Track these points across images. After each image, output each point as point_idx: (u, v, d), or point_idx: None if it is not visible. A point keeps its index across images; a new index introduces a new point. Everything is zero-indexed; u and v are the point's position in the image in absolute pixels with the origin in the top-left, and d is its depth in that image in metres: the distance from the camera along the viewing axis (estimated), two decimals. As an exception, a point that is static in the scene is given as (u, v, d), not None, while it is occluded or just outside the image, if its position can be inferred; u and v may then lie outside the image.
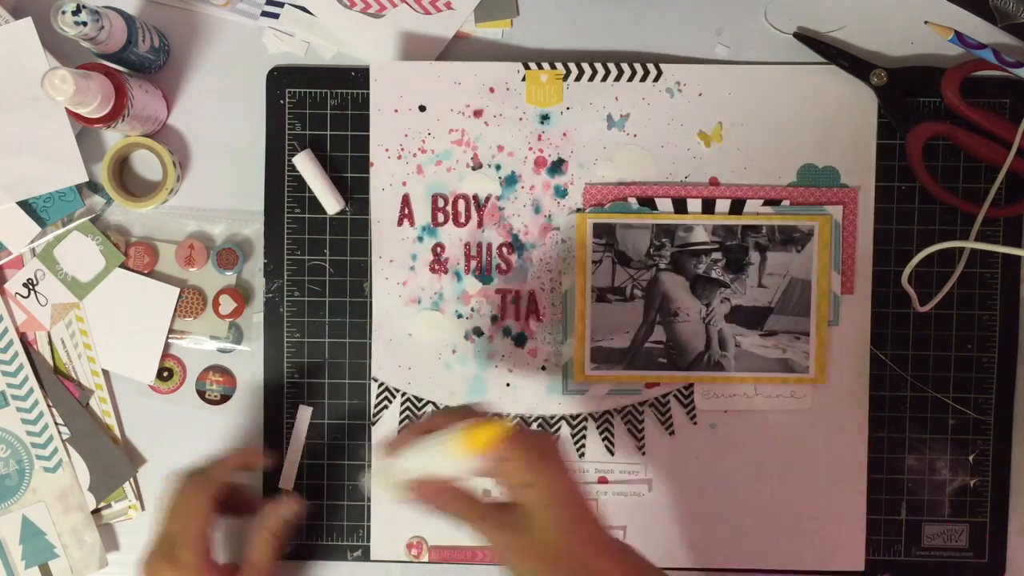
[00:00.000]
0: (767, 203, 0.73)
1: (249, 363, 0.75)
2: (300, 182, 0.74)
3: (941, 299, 0.73)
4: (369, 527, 0.74)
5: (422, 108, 0.73)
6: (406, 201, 0.74)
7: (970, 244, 0.72)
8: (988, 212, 0.71)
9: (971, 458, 0.74)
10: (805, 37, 0.73)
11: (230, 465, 0.69)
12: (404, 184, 0.73)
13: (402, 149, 0.73)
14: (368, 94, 0.73)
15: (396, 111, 0.73)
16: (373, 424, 0.74)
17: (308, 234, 0.74)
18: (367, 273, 0.74)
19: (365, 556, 0.75)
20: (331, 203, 0.73)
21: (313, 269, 0.74)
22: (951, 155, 0.73)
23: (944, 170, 0.73)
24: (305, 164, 0.73)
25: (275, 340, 0.74)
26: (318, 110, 0.74)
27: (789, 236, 0.73)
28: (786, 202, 0.73)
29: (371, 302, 0.74)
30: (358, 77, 0.73)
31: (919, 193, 0.73)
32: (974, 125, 0.72)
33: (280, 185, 0.74)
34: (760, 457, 0.74)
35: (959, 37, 0.72)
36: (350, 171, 0.74)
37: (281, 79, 0.74)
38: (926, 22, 0.73)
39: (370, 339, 0.74)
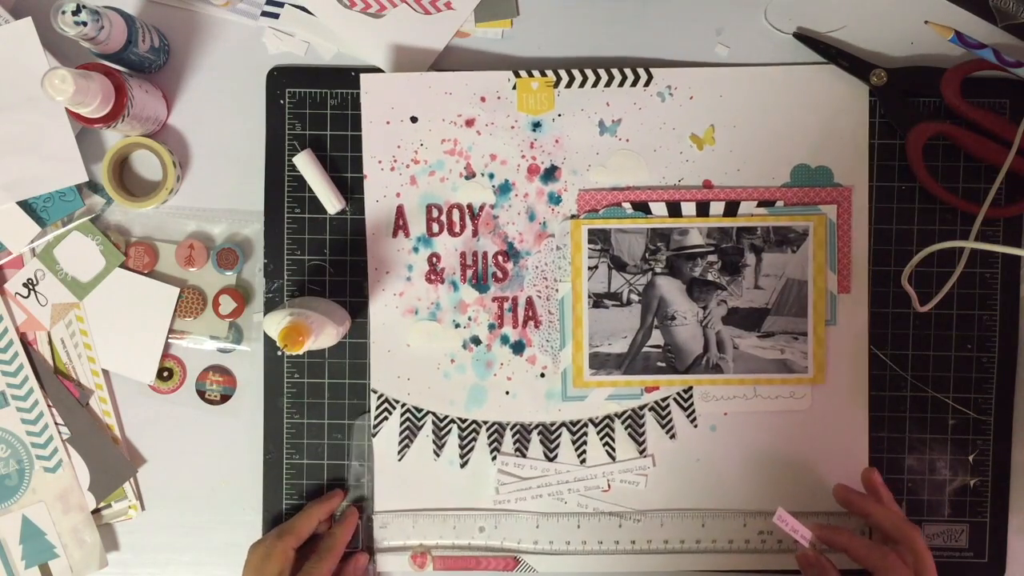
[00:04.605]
0: (761, 204, 0.73)
1: (249, 363, 0.75)
2: (300, 182, 0.74)
3: (941, 299, 0.73)
4: (371, 532, 0.74)
5: (413, 119, 0.73)
6: (400, 212, 0.74)
7: (970, 244, 0.72)
8: (988, 212, 0.71)
9: (971, 458, 0.74)
10: (805, 37, 0.73)
11: (313, 521, 0.72)
12: (398, 195, 0.73)
13: (395, 160, 0.73)
14: (368, 94, 0.74)
15: (388, 123, 0.73)
16: (374, 436, 0.74)
17: (308, 234, 0.74)
18: (367, 273, 0.74)
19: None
20: (331, 203, 0.73)
21: (313, 269, 0.74)
22: (951, 155, 0.73)
23: (944, 170, 0.73)
24: (305, 164, 0.73)
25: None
26: (318, 110, 0.74)
27: (784, 236, 0.73)
28: (780, 203, 0.73)
29: (368, 312, 0.74)
30: (358, 77, 0.73)
31: (919, 193, 0.73)
32: (974, 125, 0.72)
33: (280, 185, 0.74)
34: (761, 458, 0.74)
35: (959, 37, 0.72)
36: (350, 171, 0.74)
37: (281, 79, 0.74)
38: (926, 22, 0.73)
39: (368, 351, 0.74)
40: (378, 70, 0.74)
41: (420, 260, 0.74)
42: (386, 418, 0.74)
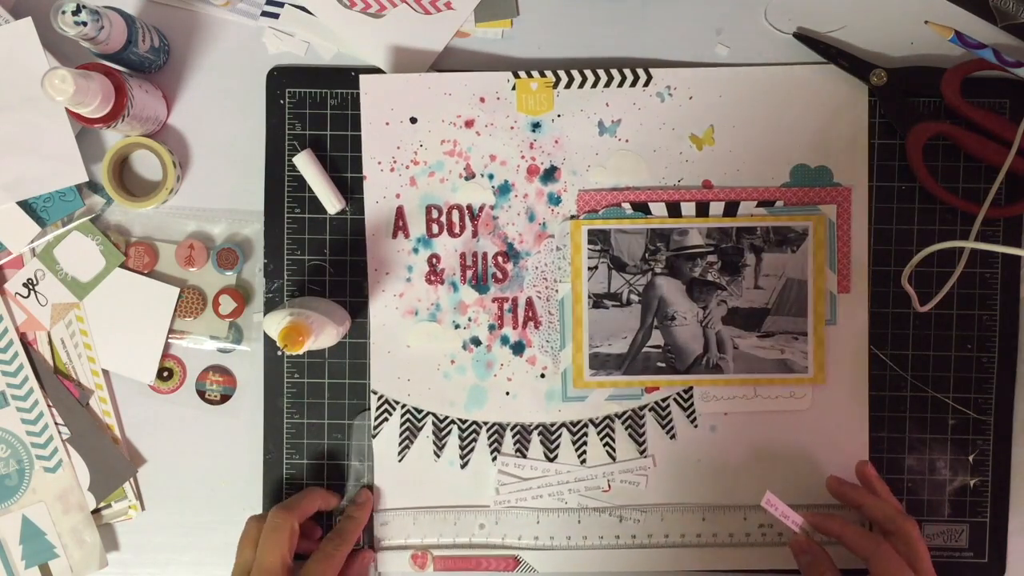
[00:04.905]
0: (761, 204, 0.73)
1: (249, 363, 0.75)
2: (300, 182, 0.74)
3: (941, 299, 0.73)
4: (371, 531, 0.74)
5: (413, 120, 0.73)
6: (400, 213, 0.74)
7: (970, 244, 0.72)
8: (988, 212, 0.71)
9: (971, 458, 0.74)
10: (805, 37, 0.73)
11: (315, 503, 0.72)
12: (398, 196, 0.73)
13: (394, 161, 0.73)
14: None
15: (387, 124, 0.73)
16: (374, 437, 0.74)
17: (308, 234, 0.74)
18: (367, 273, 0.74)
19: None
20: (331, 203, 0.73)
21: (313, 269, 0.74)
22: (951, 155, 0.73)
23: (944, 170, 0.73)
24: (305, 164, 0.73)
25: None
26: (318, 110, 0.74)
27: (784, 236, 0.73)
28: (780, 203, 0.73)
29: (368, 313, 0.74)
30: (358, 77, 0.73)
31: (919, 193, 0.73)
32: (974, 125, 0.72)
33: (280, 185, 0.74)
34: (761, 458, 0.74)
35: (959, 37, 0.72)
36: (350, 171, 0.74)
37: (281, 79, 0.74)
38: (926, 22, 0.73)
39: (368, 351, 0.74)
40: (378, 70, 0.74)
41: (420, 261, 0.74)
42: (386, 419, 0.74)
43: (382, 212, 0.74)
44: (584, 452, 0.74)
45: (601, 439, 0.74)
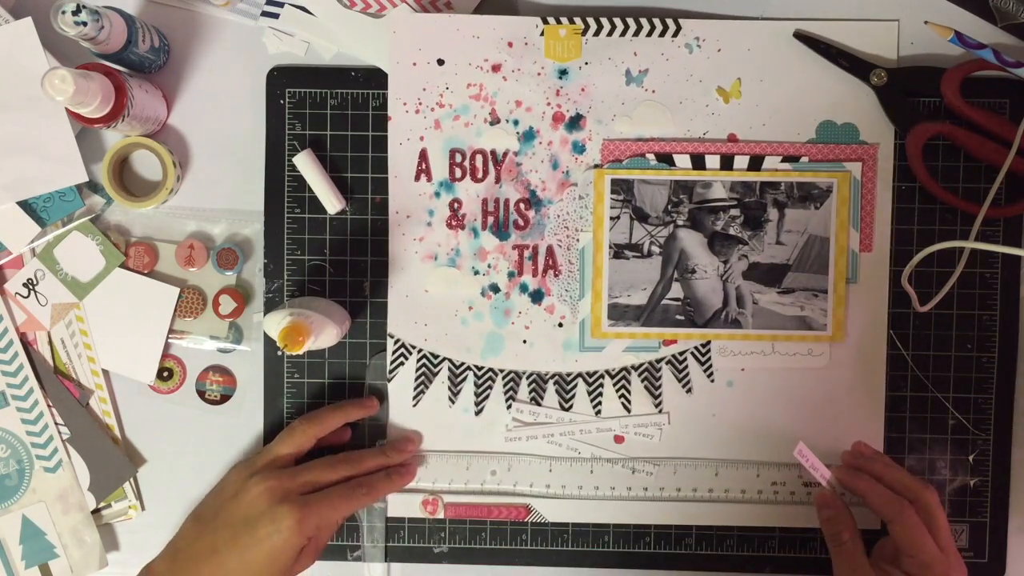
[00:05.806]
0: (786, 159, 0.73)
1: (249, 363, 0.75)
2: (300, 182, 0.74)
3: (941, 299, 0.73)
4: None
5: (440, 62, 0.73)
6: (423, 156, 0.73)
7: (970, 244, 0.72)
8: (988, 212, 0.71)
9: (971, 458, 0.74)
10: (805, 37, 0.73)
11: (347, 417, 0.73)
12: (421, 139, 0.73)
13: (420, 103, 0.73)
14: (369, 94, 0.73)
15: (414, 64, 0.73)
16: (389, 381, 0.74)
17: (308, 234, 0.74)
18: (367, 273, 0.74)
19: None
20: (331, 203, 0.73)
21: (313, 269, 0.74)
22: (951, 155, 0.73)
23: (944, 170, 0.73)
24: (305, 164, 0.73)
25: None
26: (318, 110, 0.74)
27: (808, 193, 0.73)
28: (805, 158, 0.73)
29: (388, 260, 0.74)
30: (358, 77, 0.74)
31: (919, 193, 0.73)
32: (974, 125, 0.72)
33: (280, 185, 0.74)
34: (777, 415, 0.73)
35: (959, 37, 0.72)
36: (350, 171, 0.74)
37: (281, 79, 0.74)
38: (926, 22, 0.73)
39: (387, 294, 0.74)
40: (378, 70, 0.74)
41: (441, 205, 0.74)
42: (402, 363, 0.74)
43: (405, 154, 0.73)
44: (599, 403, 0.74)
45: (617, 391, 0.74)
